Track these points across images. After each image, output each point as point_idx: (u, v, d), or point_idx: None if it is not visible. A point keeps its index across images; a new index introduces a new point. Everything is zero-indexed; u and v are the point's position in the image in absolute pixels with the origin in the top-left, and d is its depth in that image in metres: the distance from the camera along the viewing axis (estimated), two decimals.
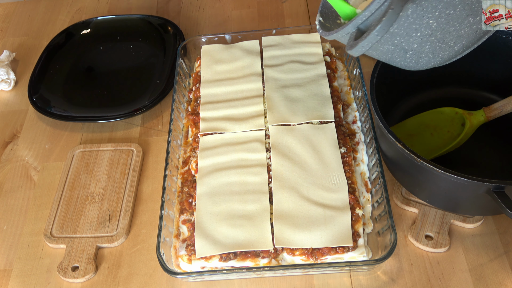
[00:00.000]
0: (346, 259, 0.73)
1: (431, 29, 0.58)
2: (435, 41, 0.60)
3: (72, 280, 0.79)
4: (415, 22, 0.58)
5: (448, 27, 0.58)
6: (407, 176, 0.79)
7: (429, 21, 0.58)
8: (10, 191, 0.93)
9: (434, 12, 0.57)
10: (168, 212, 0.80)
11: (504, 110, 0.82)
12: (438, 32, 0.59)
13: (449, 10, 0.57)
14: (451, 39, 0.60)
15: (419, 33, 0.59)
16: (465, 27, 0.58)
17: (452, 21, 0.57)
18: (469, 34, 0.60)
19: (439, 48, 0.61)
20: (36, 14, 1.30)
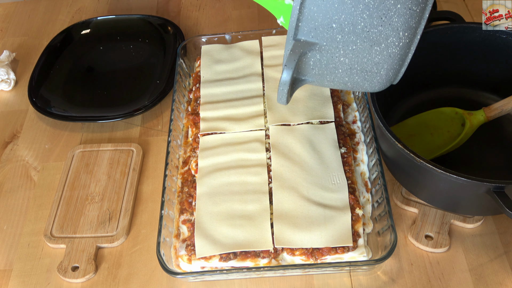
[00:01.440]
0: (346, 259, 0.73)
1: (347, 64, 0.59)
2: (359, 72, 0.60)
3: (72, 280, 0.79)
4: (329, 63, 0.59)
5: (361, 59, 0.58)
6: (407, 176, 0.79)
7: (341, 59, 0.58)
8: (10, 191, 0.93)
9: (339, 51, 0.57)
10: (168, 212, 0.80)
11: (504, 110, 0.82)
12: (355, 65, 0.59)
13: (350, 46, 0.57)
14: (372, 67, 0.59)
15: (340, 69, 0.60)
16: (375, 56, 0.58)
17: (360, 53, 0.57)
18: (386, 60, 0.59)
19: (369, 76, 0.61)
20: (36, 14, 1.30)
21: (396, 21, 0.54)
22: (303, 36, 0.57)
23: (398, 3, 0.53)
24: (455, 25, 0.88)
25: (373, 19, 0.54)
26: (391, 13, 0.54)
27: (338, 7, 0.55)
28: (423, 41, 0.86)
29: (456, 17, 0.94)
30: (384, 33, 0.55)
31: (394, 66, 0.60)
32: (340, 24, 0.55)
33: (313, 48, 0.57)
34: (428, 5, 0.55)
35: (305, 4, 0.55)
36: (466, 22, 0.90)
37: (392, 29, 0.55)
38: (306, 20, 0.56)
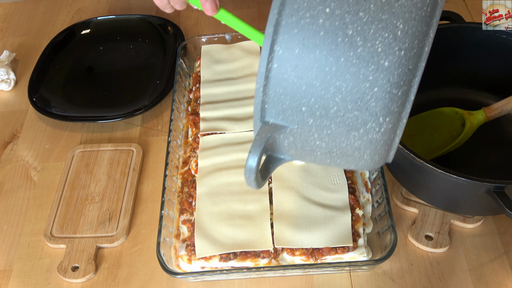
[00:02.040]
0: (346, 259, 0.73)
1: (324, 148, 0.52)
2: (340, 156, 0.53)
3: (72, 280, 0.79)
4: (305, 146, 0.53)
5: (339, 144, 0.51)
6: (407, 176, 0.79)
7: (316, 142, 0.52)
8: (10, 191, 0.93)
9: (314, 134, 0.51)
10: (168, 212, 0.80)
11: (504, 110, 0.82)
12: (334, 149, 0.52)
13: (325, 130, 0.50)
14: (352, 151, 0.52)
15: (318, 152, 0.53)
16: (355, 141, 0.50)
17: (337, 138, 0.50)
18: (367, 145, 0.51)
19: (352, 160, 0.53)
20: (36, 14, 1.30)
21: (374, 106, 0.47)
22: (272, 118, 0.51)
23: (375, 86, 0.46)
24: (455, 25, 0.88)
25: (347, 103, 0.47)
26: (367, 97, 0.47)
27: (307, 90, 0.48)
28: None
29: (456, 17, 0.93)
30: (361, 118, 0.48)
31: (378, 152, 0.52)
32: (310, 108, 0.49)
33: (284, 131, 0.51)
34: (413, 87, 0.48)
35: (269, 86, 0.49)
36: (466, 22, 0.90)
37: (370, 114, 0.47)
38: (273, 102, 0.50)
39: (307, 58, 0.47)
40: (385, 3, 0.46)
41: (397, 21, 0.45)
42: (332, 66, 0.47)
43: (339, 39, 0.46)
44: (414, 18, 0.46)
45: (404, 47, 0.46)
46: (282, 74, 0.48)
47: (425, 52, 0.47)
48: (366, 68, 0.46)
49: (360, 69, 0.46)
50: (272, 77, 0.49)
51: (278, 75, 0.48)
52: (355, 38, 0.46)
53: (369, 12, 0.46)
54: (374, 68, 0.46)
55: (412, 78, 0.47)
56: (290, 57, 0.47)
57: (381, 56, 0.46)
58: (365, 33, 0.46)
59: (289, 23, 0.47)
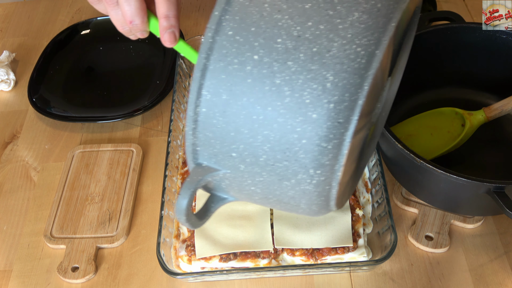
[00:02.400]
0: (346, 259, 0.73)
1: (259, 194, 0.51)
2: (278, 203, 0.52)
3: (72, 280, 0.79)
4: (241, 190, 0.51)
5: (273, 191, 0.49)
6: (407, 176, 0.79)
7: (251, 188, 0.50)
8: (10, 191, 0.93)
9: (247, 180, 0.49)
10: (168, 213, 0.79)
11: (504, 110, 0.82)
12: (269, 195, 0.50)
13: (257, 177, 0.48)
14: (288, 200, 0.50)
15: (256, 197, 0.52)
16: (288, 190, 0.48)
17: (270, 186, 0.49)
18: (301, 195, 0.49)
19: (291, 207, 0.52)
20: (36, 14, 1.30)
21: (303, 158, 0.45)
22: (205, 160, 0.49)
23: (303, 138, 0.44)
24: (455, 25, 0.88)
25: (276, 152, 0.46)
26: (296, 148, 0.45)
27: (236, 136, 0.46)
28: (423, 41, 0.86)
29: (456, 17, 0.93)
30: (291, 169, 0.46)
31: (314, 202, 0.49)
32: (240, 154, 0.47)
33: (217, 175, 0.50)
34: (345, 140, 0.45)
35: (198, 129, 0.48)
36: (466, 22, 0.90)
37: (299, 165, 0.46)
38: (204, 145, 0.49)
39: (235, 104, 0.45)
40: (315, 53, 0.44)
41: (327, 72, 0.43)
42: (259, 114, 0.45)
43: (266, 87, 0.44)
44: (346, 70, 0.43)
45: (333, 99, 0.43)
46: (211, 118, 0.47)
47: (358, 105, 0.44)
48: (293, 119, 0.44)
49: (288, 119, 0.44)
50: (201, 121, 0.47)
51: (207, 120, 0.47)
52: (283, 88, 0.44)
53: (298, 62, 0.44)
54: (302, 119, 0.44)
55: (343, 131, 0.44)
56: (218, 102, 0.46)
57: (309, 108, 0.44)
58: (293, 83, 0.44)
59: (217, 68, 0.46)
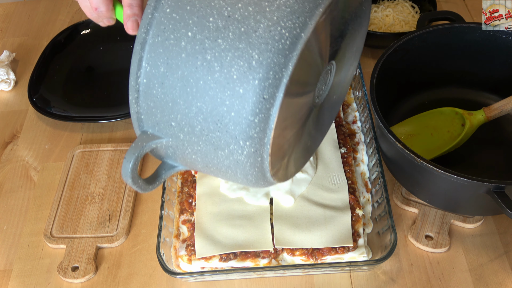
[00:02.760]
0: (346, 259, 0.73)
1: (200, 162, 0.54)
2: (218, 171, 0.54)
3: (72, 280, 0.79)
4: (184, 158, 0.54)
5: (211, 160, 0.53)
6: (407, 176, 0.79)
7: (192, 156, 0.53)
8: (10, 191, 0.93)
9: (187, 149, 0.53)
10: (168, 212, 0.80)
11: (504, 110, 0.82)
12: (209, 164, 0.53)
13: (195, 146, 0.52)
14: (226, 169, 0.53)
15: (198, 165, 0.55)
16: (224, 159, 0.51)
17: (208, 155, 0.52)
18: (236, 165, 0.51)
19: (230, 177, 0.55)
20: (36, 14, 1.30)
21: (233, 129, 0.48)
22: (149, 128, 0.53)
23: (232, 111, 0.48)
24: (455, 25, 0.88)
25: (209, 123, 0.49)
26: (226, 120, 0.48)
27: (173, 107, 0.50)
28: (423, 41, 0.86)
29: (456, 17, 0.94)
30: (224, 140, 0.49)
31: (249, 172, 0.52)
32: (178, 124, 0.51)
33: (161, 142, 0.53)
34: (272, 115, 0.48)
35: (140, 99, 0.52)
36: (466, 22, 0.90)
37: (230, 136, 0.49)
38: (147, 114, 0.52)
39: (171, 77, 0.49)
40: (243, 32, 0.47)
41: (253, 51, 0.46)
42: (192, 87, 0.48)
43: (198, 62, 0.48)
44: (270, 50, 0.46)
45: (258, 76, 0.46)
46: (151, 89, 0.50)
47: (283, 83, 0.47)
48: (222, 93, 0.48)
49: (218, 93, 0.48)
50: (142, 91, 0.51)
51: (147, 90, 0.51)
52: (213, 64, 0.47)
53: (227, 40, 0.47)
54: (230, 93, 0.47)
55: (269, 107, 0.47)
56: (156, 74, 0.50)
57: (236, 83, 0.47)
58: (222, 60, 0.47)
59: (155, 43, 0.50)
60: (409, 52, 0.86)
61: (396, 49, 0.84)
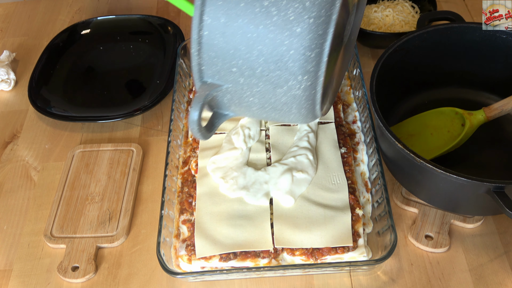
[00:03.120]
0: (346, 259, 0.73)
1: (257, 103, 0.59)
2: (272, 110, 0.60)
3: (72, 280, 0.79)
4: (241, 102, 0.59)
5: (268, 99, 0.58)
6: (407, 176, 0.79)
7: (250, 99, 0.59)
8: (10, 191, 0.93)
9: (246, 92, 0.58)
10: (168, 212, 0.80)
11: (504, 110, 0.82)
12: (265, 104, 0.59)
13: (255, 88, 0.57)
14: (281, 106, 0.59)
15: (253, 107, 0.60)
16: (281, 97, 0.58)
17: (266, 95, 0.58)
18: (292, 100, 0.58)
19: (283, 114, 0.61)
20: (36, 14, 1.30)
21: (292, 66, 0.54)
22: (209, 78, 0.58)
23: (291, 49, 0.53)
24: (455, 25, 0.88)
25: (269, 64, 0.55)
26: (286, 59, 0.54)
27: (235, 53, 0.55)
28: (423, 41, 0.86)
29: (456, 17, 0.94)
30: (283, 77, 0.55)
31: (303, 106, 0.59)
32: (239, 69, 0.56)
33: (220, 89, 0.58)
34: (325, 49, 0.54)
35: (202, 50, 0.56)
36: (466, 22, 0.90)
37: (289, 73, 0.55)
38: (207, 64, 0.57)
39: (232, 26, 0.54)
40: None
41: None
42: (253, 32, 0.54)
43: (256, 9, 0.53)
44: None
45: (312, 15, 0.52)
46: (212, 40, 0.55)
47: (333, 19, 0.53)
48: (281, 34, 0.53)
49: (277, 35, 0.53)
50: (204, 42, 0.55)
51: (209, 41, 0.55)
52: (270, 8, 0.53)
53: None
54: (288, 34, 0.53)
55: (323, 42, 0.53)
56: (217, 25, 0.54)
57: (294, 23, 0.52)
58: (279, 4, 0.52)
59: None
60: (409, 52, 0.86)
61: (396, 49, 0.84)
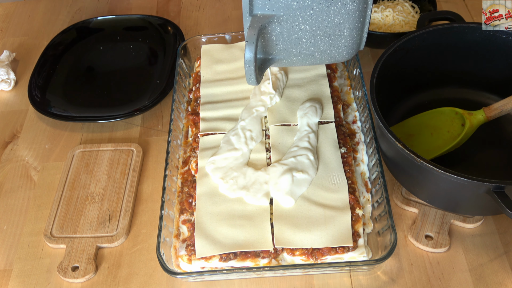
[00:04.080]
0: (346, 259, 0.73)
1: (308, 32, 0.58)
2: (323, 38, 0.60)
3: (72, 280, 0.79)
4: (291, 34, 0.59)
5: (321, 23, 0.58)
6: (407, 176, 0.79)
7: (301, 27, 0.58)
8: (10, 191, 0.93)
9: (298, 18, 0.57)
10: (168, 212, 0.80)
11: (504, 110, 0.82)
12: (317, 31, 0.59)
13: (308, 11, 0.56)
14: (334, 29, 0.59)
15: (303, 39, 0.59)
16: (335, 16, 0.57)
17: (320, 17, 0.57)
18: (346, 18, 0.58)
19: (334, 41, 0.60)
20: (36, 14, 1.30)
21: None
22: (259, 10, 0.57)
23: None
24: (455, 25, 0.88)
25: None
26: None
27: None
28: (423, 41, 0.86)
29: (456, 17, 0.94)
30: None
31: (356, 25, 0.59)
32: None
33: (271, 21, 0.57)
34: None
35: None
36: (466, 22, 0.90)
37: None
38: None
39: None
40: None
41: None
42: None
43: None
44: None
45: None
46: None
47: None
48: None
49: None
50: None
51: None
52: None
53: None
54: None
55: None
56: None
57: None
58: None
59: None
60: (409, 52, 0.86)
61: (396, 49, 0.84)
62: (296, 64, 0.67)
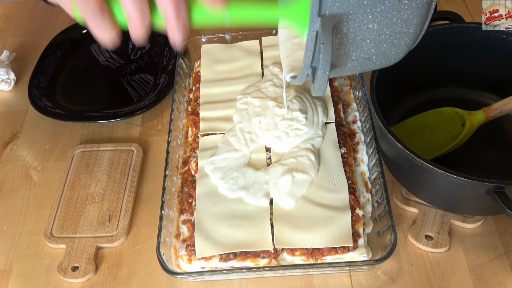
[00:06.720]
0: (346, 259, 0.73)
1: (375, 31, 0.55)
2: (387, 38, 0.57)
3: (72, 280, 0.79)
4: (357, 34, 0.55)
5: (390, 20, 0.55)
6: (407, 176, 0.79)
7: (369, 26, 0.55)
8: (10, 191, 0.93)
9: (368, 16, 0.54)
10: (168, 212, 0.80)
11: (504, 110, 0.82)
12: (384, 29, 0.56)
13: (379, 7, 0.54)
14: (401, 26, 0.56)
15: (367, 40, 0.56)
16: (405, 11, 0.55)
17: (390, 13, 0.54)
18: (415, 13, 0.56)
19: (396, 40, 0.58)
20: (36, 14, 1.30)
21: None
22: (328, 9, 0.53)
23: None
24: (455, 25, 0.88)
25: None
26: None
27: None
28: (423, 41, 0.86)
29: (456, 17, 0.94)
30: None
31: (422, 20, 0.57)
32: None
33: (340, 21, 0.54)
34: None
35: None
36: (466, 22, 0.90)
37: None
38: None
39: None
40: None
41: None
42: None
43: None
44: None
45: None
46: None
47: None
48: None
49: None
50: None
51: None
52: None
53: None
54: None
55: None
56: None
57: None
58: None
59: None
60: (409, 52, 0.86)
61: None
62: (345, 73, 0.63)
